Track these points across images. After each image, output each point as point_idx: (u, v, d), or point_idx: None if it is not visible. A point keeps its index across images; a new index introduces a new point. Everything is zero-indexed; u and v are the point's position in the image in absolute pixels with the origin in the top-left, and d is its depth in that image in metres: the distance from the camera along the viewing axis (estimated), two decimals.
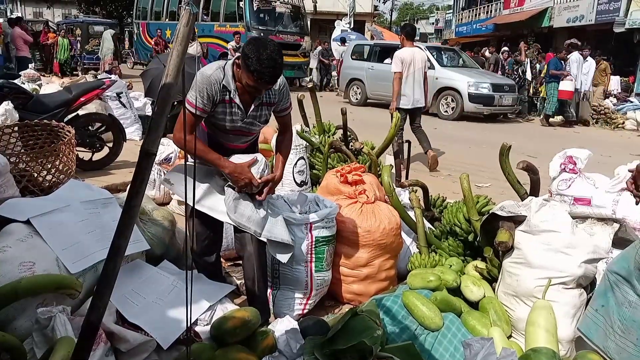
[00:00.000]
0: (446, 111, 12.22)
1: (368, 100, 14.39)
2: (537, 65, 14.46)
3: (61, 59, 17.26)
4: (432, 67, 11.77)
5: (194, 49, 12.11)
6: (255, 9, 16.41)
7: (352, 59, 14.99)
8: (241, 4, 16.42)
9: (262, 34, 15.25)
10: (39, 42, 18.09)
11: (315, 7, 23.07)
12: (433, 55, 12.63)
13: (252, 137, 2.66)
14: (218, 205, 2.52)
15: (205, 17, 17.68)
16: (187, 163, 2.58)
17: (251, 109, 2.46)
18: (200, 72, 2.34)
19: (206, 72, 2.33)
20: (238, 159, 2.51)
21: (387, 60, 13.00)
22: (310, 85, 5.48)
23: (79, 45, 19.47)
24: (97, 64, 18.01)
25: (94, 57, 18.51)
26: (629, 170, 2.34)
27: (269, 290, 2.86)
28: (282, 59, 2.26)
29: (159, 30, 17.09)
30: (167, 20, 19.56)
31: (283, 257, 2.58)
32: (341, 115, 4.70)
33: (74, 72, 17.38)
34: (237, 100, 2.40)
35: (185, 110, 2.21)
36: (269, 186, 2.54)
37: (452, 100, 12.14)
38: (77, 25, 20.72)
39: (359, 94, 14.59)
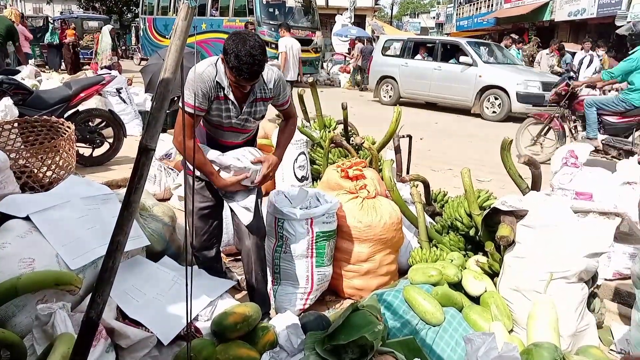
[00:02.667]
0: (494, 112, 11.18)
1: (401, 99, 13.25)
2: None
3: (102, 60, 14.72)
4: (473, 63, 11.43)
5: None
6: (265, 3, 16.00)
7: (383, 55, 13.87)
8: None
9: (272, 29, 15.05)
10: (42, 39, 17.85)
11: (327, 1, 22.67)
12: (474, 51, 11.80)
13: (248, 133, 2.61)
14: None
15: (214, 11, 17.32)
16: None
17: (245, 105, 2.43)
18: (192, 70, 2.31)
19: (199, 69, 2.29)
20: (234, 155, 2.49)
21: (418, 57, 12.90)
22: (310, 80, 5.46)
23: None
24: (92, 59, 17.71)
25: (88, 52, 18.10)
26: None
27: (269, 285, 2.86)
28: (264, 55, 2.19)
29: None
30: (174, 15, 19.22)
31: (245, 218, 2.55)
32: (341, 109, 4.69)
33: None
34: (230, 96, 2.37)
35: (184, 114, 2.18)
36: (265, 167, 2.51)
37: (497, 99, 11.12)
38: (72, 21, 20.64)
39: (391, 92, 13.49)
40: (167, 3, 19.40)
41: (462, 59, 11.74)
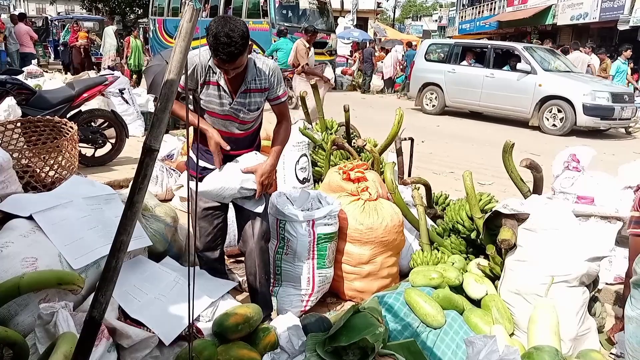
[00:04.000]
0: (554, 125, 10.08)
1: (446, 109, 12.35)
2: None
3: (134, 65, 14.13)
4: (532, 71, 10.46)
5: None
6: (279, 4, 15.45)
7: (426, 60, 12.82)
8: None
9: (287, 31, 14.92)
10: (45, 39, 17.82)
11: (342, 3, 22.25)
12: (533, 57, 10.76)
13: (247, 125, 2.56)
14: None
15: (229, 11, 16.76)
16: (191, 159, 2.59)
17: (237, 95, 2.42)
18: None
19: (193, 51, 2.29)
20: (231, 168, 2.49)
21: (464, 63, 11.96)
22: (312, 82, 5.46)
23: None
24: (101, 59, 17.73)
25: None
26: None
27: (271, 287, 2.86)
28: (244, 39, 2.16)
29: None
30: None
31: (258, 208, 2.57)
32: (343, 111, 4.70)
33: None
34: (222, 82, 2.37)
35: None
36: (259, 176, 2.48)
37: (560, 112, 10.01)
38: (68, 22, 20.68)
39: (435, 101, 12.46)
40: (178, 4, 18.93)
41: (519, 65, 10.73)
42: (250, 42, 2.24)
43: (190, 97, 2.45)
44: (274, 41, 14.29)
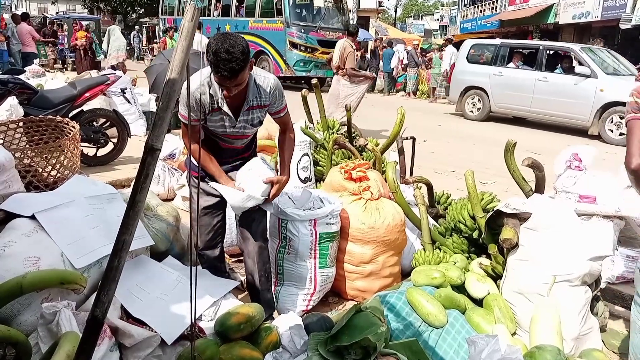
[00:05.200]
0: (621, 134, 9.14)
1: (491, 114, 11.47)
2: None
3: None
4: (592, 74, 9.58)
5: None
6: (294, 2, 14.89)
7: (469, 62, 11.86)
8: None
9: (302, 30, 14.56)
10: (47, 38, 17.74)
11: (358, 3, 21.63)
12: (592, 59, 9.85)
13: (248, 138, 2.64)
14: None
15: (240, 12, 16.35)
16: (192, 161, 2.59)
17: (240, 114, 2.43)
18: (186, 84, 2.30)
19: (192, 85, 2.26)
20: (246, 173, 2.51)
21: (511, 65, 11.05)
22: (314, 81, 5.44)
23: (66, 40, 19.28)
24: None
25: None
26: None
27: (272, 286, 2.86)
28: (244, 55, 2.15)
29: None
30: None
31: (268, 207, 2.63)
32: (345, 111, 4.69)
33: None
34: (225, 108, 2.38)
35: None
36: (276, 189, 2.52)
37: (622, 119, 9.05)
38: (65, 21, 20.66)
39: (479, 105, 11.55)
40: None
41: (577, 69, 9.82)
42: (251, 60, 2.24)
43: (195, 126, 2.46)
44: (288, 41, 14.02)
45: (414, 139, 4.67)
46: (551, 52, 10.91)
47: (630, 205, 2.84)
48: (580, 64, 9.96)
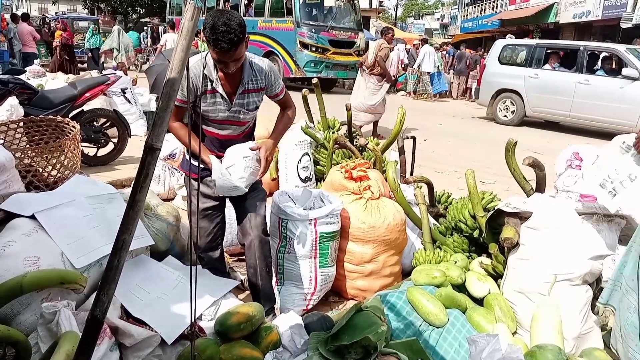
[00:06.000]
0: None
1: (525, 119, 10.91)
2: None
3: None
4: None
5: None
6: (304, 1, 14.42)
7: (501, 63, 11.28)
8: None
9: (313, 30, 14.13)
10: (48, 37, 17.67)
11: (371, 2, 21.05)
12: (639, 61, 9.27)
13: (245, 126, 2.60)
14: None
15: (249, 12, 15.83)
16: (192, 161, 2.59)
17: (235, 97, 2.42)
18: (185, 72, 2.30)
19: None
20: (235, 150, 2.48)
21: (547, 66, 10.50)
22: (315, 80, 5.44)
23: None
24: (81, 57, 17.26)
25: (79, 51, 17.64)
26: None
27: (273, 284, 2.85)
28: (241, 27, 2.17)
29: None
30: (203, 16, 17.71)
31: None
32: (345, 110, 4.69)
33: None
34: (219, 89, 2.37)
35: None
36: (263, 151, 2.47)
37: None
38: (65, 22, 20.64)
39: (513, 108, 10.95)
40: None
41: (625, 71, 9.30)
42: (247, 35, 2.24)
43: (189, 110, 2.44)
44: (298, 41, 13.70)
45: (414, 139, 4.67)
46: (592, 53, 10.38)
47: (631, 204, 2.83)
48: (623, 65, 9.51)
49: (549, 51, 10.63)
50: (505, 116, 11.09)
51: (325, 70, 14.42)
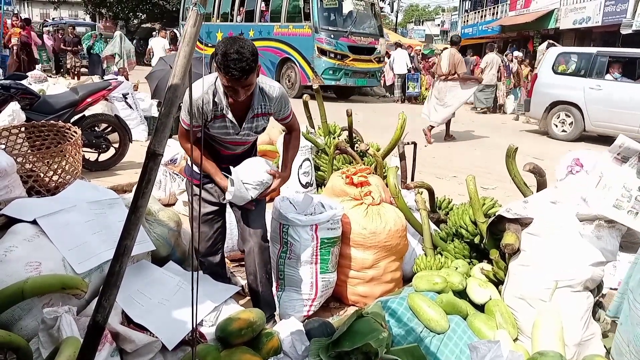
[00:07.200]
0: None
1: (584, 133, 9.86)
2: None
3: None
4: None
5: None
6: (321, 6, 13.76)
7: (555, 72, 10.21)
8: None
9: (332, 36, 13.64)
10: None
11: (392, 6, 20.78)
12: None
13: (249, 145, 2.66)
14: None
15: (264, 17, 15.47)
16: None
17: (245, 122, 2.44)
18: (189, 90, 2.31)
19: (195, 93, 2.25)
20: (252, 170, 2.50)
21: (608, 77, 9.47)
22: (315, 86, 5.45)
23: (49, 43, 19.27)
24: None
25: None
26: None
27: (274, 290, 2.85)
28: (254, 55, 2.17)
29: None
30: (218, 21, 16.91)
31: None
32: (346, 116, 4.70)
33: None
34: (229, 115, 2.38)
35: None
36: (277, 183, 2.53)
37: None
38: (61, 26, 20.70)
39: (570, 123, 9.87)
40: (211, 9, 16.97)
41: None
42: (259, 64, 2.24)
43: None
44: (316, 47, 13.36)
45: (415, 144, 4.67)
46: None
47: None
48: None
49: (612, 59, 9.62)
50: (564, 131, 10.01)
51: (345, 78, 13.97)
